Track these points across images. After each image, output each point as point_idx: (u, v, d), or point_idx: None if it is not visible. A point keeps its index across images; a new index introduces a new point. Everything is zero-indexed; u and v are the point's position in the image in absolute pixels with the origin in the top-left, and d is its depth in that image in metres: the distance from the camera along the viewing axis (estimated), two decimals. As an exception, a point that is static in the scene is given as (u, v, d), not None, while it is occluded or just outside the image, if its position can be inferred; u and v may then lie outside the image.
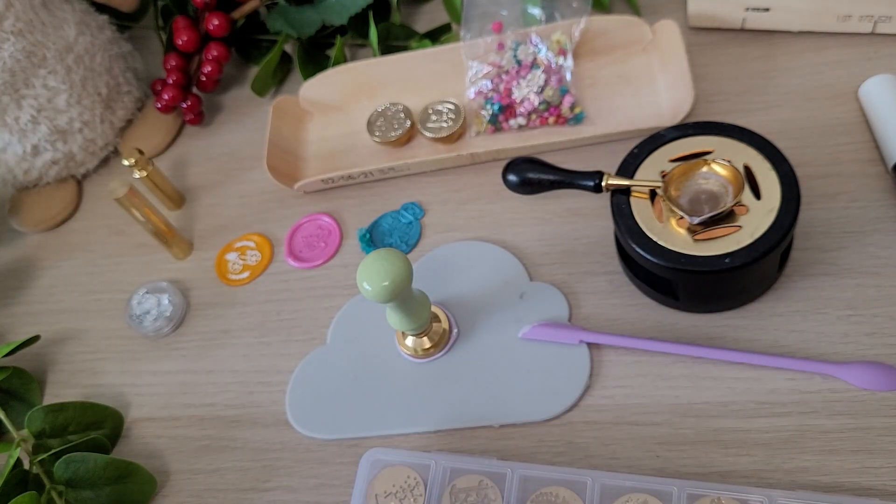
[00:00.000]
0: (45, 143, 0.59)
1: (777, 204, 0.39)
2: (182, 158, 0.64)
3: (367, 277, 0.38)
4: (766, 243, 0.38)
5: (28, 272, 0.61)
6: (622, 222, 0.41)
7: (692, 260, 0.39)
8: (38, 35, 0.56)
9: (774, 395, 0.40)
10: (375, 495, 0.41)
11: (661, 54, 0.54)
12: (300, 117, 0.61)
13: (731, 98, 0.52)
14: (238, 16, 0.62)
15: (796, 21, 0.52)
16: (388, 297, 0.38)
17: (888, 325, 0.41)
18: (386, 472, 0.42)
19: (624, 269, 0.46)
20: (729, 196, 0.40)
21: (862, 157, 0.47)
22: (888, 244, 0.43)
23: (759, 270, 0.40)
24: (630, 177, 0.43)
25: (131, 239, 0.59)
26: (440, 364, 0.46)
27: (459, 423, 0.44)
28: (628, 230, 0.41)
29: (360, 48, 0.65)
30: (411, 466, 0.42)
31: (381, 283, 0.38)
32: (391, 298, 0.38)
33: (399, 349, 0.47)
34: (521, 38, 0.56)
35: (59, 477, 0.44)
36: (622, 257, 0.45)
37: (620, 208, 0.42)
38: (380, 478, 0.42)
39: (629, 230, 0.41)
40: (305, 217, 0.56)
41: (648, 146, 0.43)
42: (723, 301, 0.43)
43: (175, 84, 0.62)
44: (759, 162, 0.41)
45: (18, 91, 0.56)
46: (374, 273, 0.38)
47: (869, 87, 0.49)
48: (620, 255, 0.46)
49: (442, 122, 0.56)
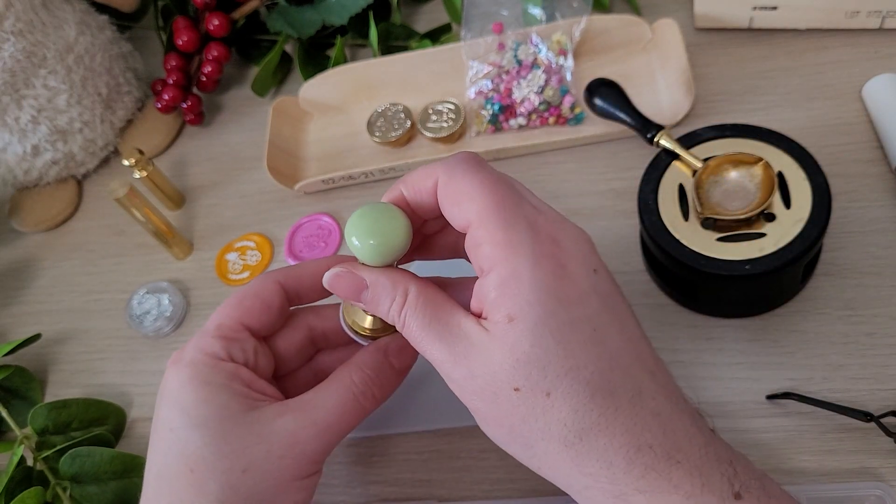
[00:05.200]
0: (45, 143, 0.59)
1: (806, 215, 0.39)
2: (182, 158, 0.64)
3: (356, 233, 0.31)
4: (790, 253, 0.38)
5: (28, 272, 0.61)
6: (647, 217, 0.41)
7: (712, 262, 0.39)
8: (39, 35, 0.56)
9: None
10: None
11: (661, 54, 0.54)
12: (300, 118, 0.61)
13: (732, 98, 0.52)
14: (238, 16, 0.62)
15: (804, 18, 0.52)
16: (379, 258, 0.32)
17: (888, 325, 0.41)
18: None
19: (646, 266, 0.46)
20: (757, 200, 0.39)
21: (862, 157, 0.47)
22: (888, 244, 0.43)
23: (780, 280, 0.40)
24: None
25: (131, 239, 0.59)
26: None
27: (459, 422, 0.44)
28: (652, 225, 0.41)
29: (360, 48, 0.65)
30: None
31: (368, 242, 0.31)
32: (383, 261, 0.32)
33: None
34: (521, 38, 0.56)
35: (64, 472, 0.45)
36: (646, 255, 0.45)
37: (647, 204, 0.42)
38: None
39: (653, 225, 0.41)
40: (305, 217, 0.56)
41: (683, 143, 0.43)
42: (740, 307, 0.43)
43: (175, 84, 0.62)
44: (794, 171, 0.40)
45: (18, 91, 0.56)
46: (363, 230, 0.31)
47: (873, 87, 0.49)
48: (644, 254, 0.46)
49: (442, 122, 0.56)
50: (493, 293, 0.29)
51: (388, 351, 0.36)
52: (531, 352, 0.28)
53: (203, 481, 0.31)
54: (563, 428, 0.28)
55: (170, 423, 0.32)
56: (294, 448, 0.32)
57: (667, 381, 0.30)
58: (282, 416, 0.33)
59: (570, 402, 0.28)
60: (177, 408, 0.32)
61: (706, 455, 0.28)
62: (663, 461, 0.28)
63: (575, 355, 0.28)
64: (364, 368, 0.35)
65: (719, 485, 0.28)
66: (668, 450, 0.28)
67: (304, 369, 0.39)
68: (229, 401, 0.32)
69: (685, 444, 0.28)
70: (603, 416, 0.28)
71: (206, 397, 0.32)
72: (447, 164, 0.31)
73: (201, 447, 0.31)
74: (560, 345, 0.28)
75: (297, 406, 0.33)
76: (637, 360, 0.30)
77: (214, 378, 0.33)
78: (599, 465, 0.28)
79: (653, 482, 0.28)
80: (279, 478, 0.32)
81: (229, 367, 0.34)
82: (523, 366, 0.28)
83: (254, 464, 0.32)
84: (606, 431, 0.28)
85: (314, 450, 0.33)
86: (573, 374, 0.28)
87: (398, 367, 0.36)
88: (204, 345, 0.34)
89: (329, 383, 0.35)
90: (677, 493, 0.28)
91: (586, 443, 0.28)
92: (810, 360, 0.41)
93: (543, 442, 0.29)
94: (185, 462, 0.31)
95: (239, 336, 0.35)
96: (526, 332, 0.28)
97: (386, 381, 0.36)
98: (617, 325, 0.30)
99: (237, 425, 0.32)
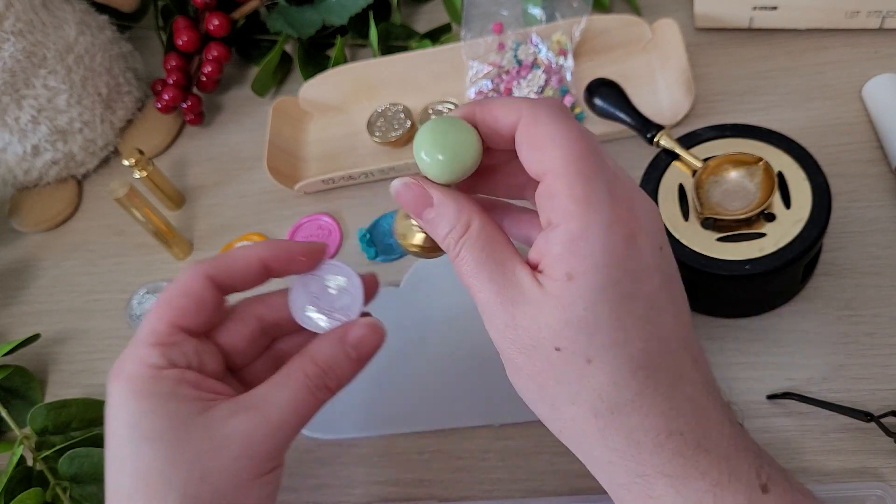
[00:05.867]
0: (45, 143, 0.59)
1: (806, 215, 0.39)
2: (182, 158, 0.64)
3: (425, 146, 0.30)
4: (790, 253, 0.38)
5: (28, 272, 0.61)
6: None
7: (712, 262, 0.39)
8: (39, 35, 0.56)
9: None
10: None
11: (661, 54, 0.54)
12: (300, 118, 0.61)
13: (732, 98, 0.52)
14: (238, 16, 0.62)
15: (804, 19, 0.52)
16: (447, 174, 0.30)
17: (888, 325, 0.41)
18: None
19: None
20: (757, 200, 0.39)
21: (862, 158, 0.47)
22: (888, 244, 0.43)
23: (780, 280, 0.40)
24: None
25: (131, 239, 0.59)
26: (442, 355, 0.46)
27: (459, 422, 0.44)
28: None
29: (360, 48, 0.65)
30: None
31: (437, 157, 0.30)
32: (450, 178, 0.31)
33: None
34: (521, 38, 0.56)
35: (64, 472, 0.44)
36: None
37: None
38: None
39: None
40: (305, 217, 0.56)
41: (683, 144, 0.43)
42: (740, 307, 0.43)
43: (175, 84, 0.62)
44: (794, 171, 0.41)
45: (18, 91, 0.56)
46: (432, 143, 0.30)
47: (873, 87, 0.49)
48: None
49: (442, 122, 0.56)
50: (558, 248, 0.28)
51: (347, 341, 0.34)
52: (583, 315, 0.27)
53: (161, 495, 0.30)
54: (598, 398, 0.28)
55: (119, 439, 0.31)
56: (250, 449, 0.31)
57: (706, 370, 0.30)
58: (234, 416, 0.31)
59: (611, 373, 0.28)
60: (125, 424, 0.31)
61: (736, 446, 0.28)
62: (692, 448, 0.28)
63: (626, 328, 0.27)
64: (318, 361, 0.33)
65: (747, 475, 0.28)
66: (698, 437, 0.28)
67: (263, 358, 0.37)
68: (178, 408, 0.31)
69: (715, 433, 0.28)
70: (640, 394, 0.28)
71: (152, 409, 0.31)
72: (533, 104, 0.29)
73: (155, 460, 0.30)
74: (614, 315, 0.27)
75: (250, 404, 0.32)
76: (684, 345, 0.29)
77: (158, 388, 0.31)
78: (627, 443, 0.28)
79: (679, 467, 0.27)
80: (238, 480, 0.31)
81: (172, 373, 0.32)
82: (572, 327, 0.27)
83: (210, 470, 0.31)
84: (640, 410, 0.28)
85: (270, 447, 0.32)
86: (619, 347, 0.27)
87: (356, 358, 0.34)
88: (142, 355, 0.32)
89: (282, 378, 0.33)
90: (704, 480, 0.27)
91: (618, 417, 0.28)
92: (810, 360, 0.41)
93: (573, 406, 0.28)
94: (141, 478, 0.31)
95: (175, 339, 0.33)
96: (584, 294, 0.27)
97: (342, 372, 0.34)
98: (672, 308, 0.29)
99: (189, 432, 0.31)
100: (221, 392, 0.33)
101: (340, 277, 0.36)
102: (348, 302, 0.35)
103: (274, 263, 0.34)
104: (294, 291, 0.35)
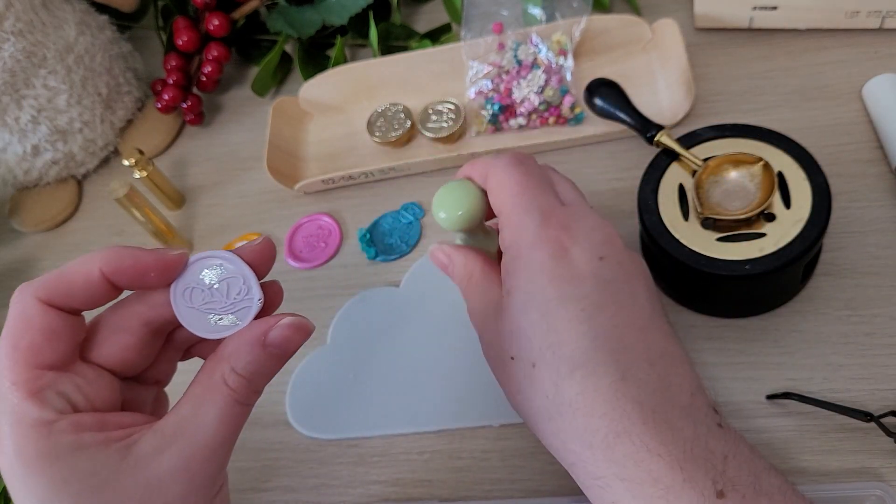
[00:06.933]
0: (45, 143, 0.59)
1: (806, 215, 0.39)
2: (182, 158, 0.64)
3: (443, 206, 0.36)
4: (790, 253, 0.38)
5: (28, 272, 0.61)
6: (647, 217, 0.41)
7: (712, 262, 0.39)
8: (39, 35, 0.56)
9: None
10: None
11: (661, 54, 0.54)
12: (300, 118, 0.61)
13: (732, 98, 0.52)
14: (238, 16, 0.62)
15: (804, 19, 0.52)
16: (461, 225, 0.36)
17: (888, 325, 0.41)
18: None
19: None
20: (757, 200, 0.39)
21: (862, 158, 0.47)
22: (888, 244, 0.43)
23: (780, 280, 0.40)
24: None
25: (131, 239, 0.59)
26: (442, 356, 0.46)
27: (459, 422, 0.44)
28: (652, 225, 0.41)
29: (360, 48, 0.65)
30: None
31: (457, 213, 0.36)
32: (463, 227, 0.37)
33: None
34: (521, 38, 0.56)
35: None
36: (646, 255, 0.45)
37: (647, 204, 0.42)
38: None
39: (653, 225, 0.41)
40: (305, 217, 0.56)
41: (683, 143, 0.43)
42: (740, 307, 0.43)
43: (175, 84, 0.62)
44: (794, 171, 0.40)
45: (18, 91, 0.56)
46: (448, 203, 0.36)
47: (873, 87, 0.48)
48: (644, 254, 0.45)
49: (442, 122, 0.56)
50: (503, 271, 0.33)
51: (269, 343, 0.30)
52: (520, 323, 0.31)
53: None
54: (546, 400, 0.30)
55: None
56: (192, 482, 0.28)
57: (665, 374, 0.30)
58: (164, 451, 0.27)
59: (551, 375, 0.30)
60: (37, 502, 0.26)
61: (692, 450, 0.28)
62: (643, 452, 0.28)
63: (557, 330, 0.30)
64: (240, 370, 0.29)
65: (702, 481, 0.27)
66: (647, 441, 0.28)
67: (166, 352, 0.33)
68: (91, 464, 0.26)
69: (669, 437, 0.28)
70: (581, 394, 0.29)
71: (62, 478, 0.26)
72: (492, 161, 0.35)
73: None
74: (544, 319, 0.30)
75: (176, 432, 0.28)
76: (629, 346, 0.30)
77: (56, 449, 0.26)
78: (581, 445, 0.29)
79: (632, 471, 0.28)
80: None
81: (64, 424, 0.26)
82: (515, 336, 0.31)
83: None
84: (584, 411, 0.29)
85: (212, 471, 0.28)
86: (555, 349, 0.30)
87: (280, 356, 0.30)
88: (17, 416, 0.26)
89: (203, 391, 0.29)
90: (656, 486, 0.27)
91: (566, 419, 0.29)
92: (810, 360, 0.41)
93: (532, 412, 0.31)
94: None
95: (45, 381, 0.27)
96: (517, 304, 0.31)
97: (268, 370, 0.30)
98: (611, 309, 0.31)
99: (117, 487, 0.26)
100: (132, 423, 0.28)
101: (218, 265, 0.30)
102: (242, 287, 0.30)
103: (120, 278, 0.28)
104: (177, 306, 0.30)
